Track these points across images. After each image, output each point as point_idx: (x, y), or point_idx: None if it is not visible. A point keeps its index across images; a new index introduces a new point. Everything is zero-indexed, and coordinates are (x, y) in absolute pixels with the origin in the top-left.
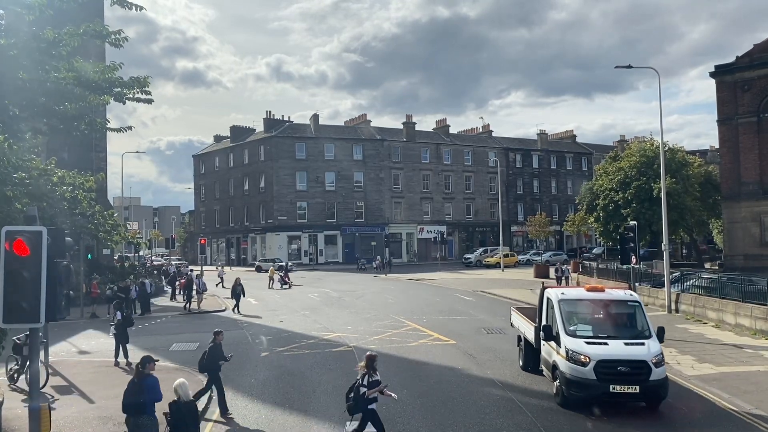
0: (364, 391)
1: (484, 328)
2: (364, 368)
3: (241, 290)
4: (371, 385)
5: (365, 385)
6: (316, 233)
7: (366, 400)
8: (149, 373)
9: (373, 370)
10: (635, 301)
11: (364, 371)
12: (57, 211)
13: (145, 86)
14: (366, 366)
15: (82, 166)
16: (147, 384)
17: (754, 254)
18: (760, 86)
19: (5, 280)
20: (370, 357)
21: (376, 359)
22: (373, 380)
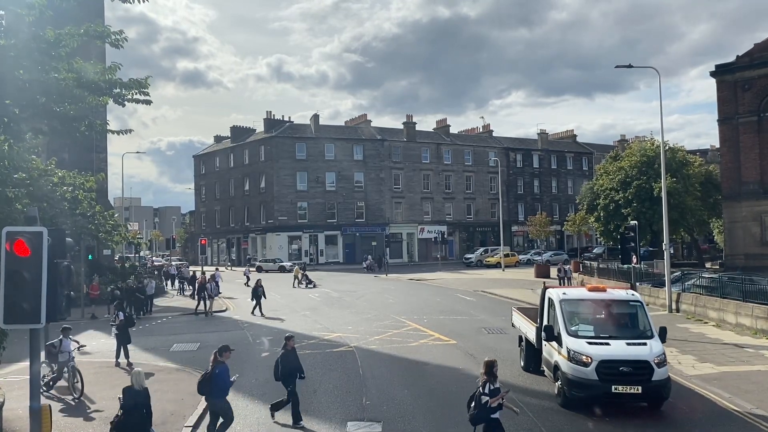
0: (486, 399)
1: (484, 328)
2: (484, 375)
3: (262, 292)
4: (492, 393)
5: (487, 393)
6: (316, 233)
7: (489, 410)
8: (222, 361)
9: (493, 377)
10: (637, 301)
11: (485, 378)
12: (57, 211)
13: (145, 88)
14: (486, 373)
15: (83, 166)
16: (216, 371)
17: (754, 254)
18: (761, 86)
19: (6, 281)
20: (490, 363)
21: (495, 365)
22: (494, 388)
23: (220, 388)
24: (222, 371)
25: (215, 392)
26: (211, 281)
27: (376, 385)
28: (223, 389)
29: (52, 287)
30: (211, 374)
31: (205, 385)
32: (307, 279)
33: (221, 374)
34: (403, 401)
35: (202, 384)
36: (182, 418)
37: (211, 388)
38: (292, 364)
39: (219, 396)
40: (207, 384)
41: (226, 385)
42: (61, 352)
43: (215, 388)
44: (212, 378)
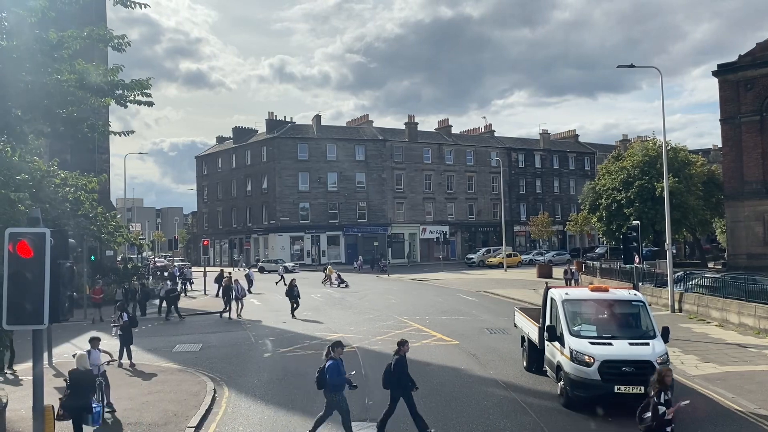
0: (663, 411)
1: (487, 328)
2: (657, 384)
3: (297, 292)
4: (667, 403)
5: (662, 403)
6: (318, 234)
7: (666, 422)
8: (334, 357)
9: (666, 386)
10: (639, 300)
11: (658, 387)
12: (60, 212)
13: (147, 89)
14: (658, 382)
15: (85, 167)
16: (328, 366)
17: (757, 253)
18: (763, 85)
19: (9, 282)
20: (664, 372)
21: (669, 374)
22: (668, 398)
23: (332, 383)
24: (331, 366)
25: (331, 386)
26: (237, 282)
27: (378, 386)
28: (335, 384)
29: (55, 288)
30: (323, 368)
31: (320, 380)
32: (340, 279)
33: (330, 369)
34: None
35: (318, 379)
36: (185, 418)
37: (324, 382)
38: (405, 372)
39: (333, 390)
40: (322, 379)
41: (337, 380)
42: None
43: (330, 383)
44: (323, 373)
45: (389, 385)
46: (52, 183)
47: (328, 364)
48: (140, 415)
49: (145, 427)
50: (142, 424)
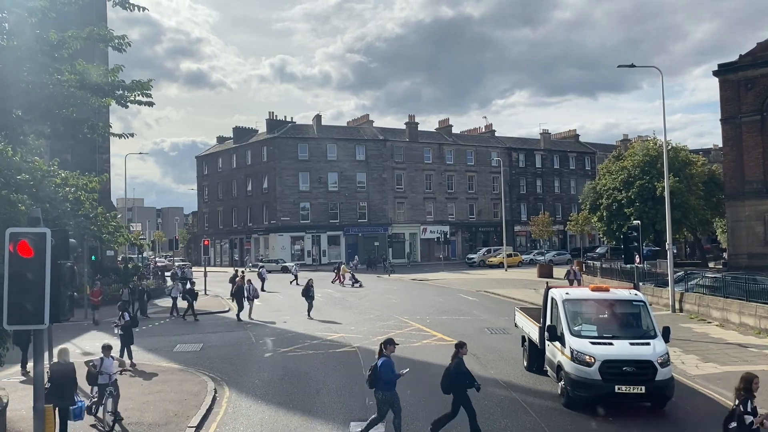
0: (751, 420)
1: (487, 328)
2: (742, 392)
3: (313, 293)
4: (753, 411)
5: (749, 411)
6: (318, 234)
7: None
8: (386, 354)
9: (751, 393)
10: (640, 300)
11: (743, 396)
12: (60, 212)
13: (147, 89)
14: (743, 389)
15: (86, 167)
16: (381, 364)
17: (758, 253)
18: (764, 85)
19: (9, 282)
20: (749, 378)
21: (756, 380)
22: (754, 406)
23: (384, 381)
24: (384, 363)
25: (381, 384)
26: (250, 283)
27: None
28: (387, 381)
29: (56, 288)
30: (374, 367)
31: (372, 378)
32: (354, 278)
33: (384, 366)
34: (405, 401)
35: (370, 378)
36: (186, 418)
37: (377, 380)
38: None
39: (385, 388)
40: (373, 377)
41: (390, 377)
42: (101, 373)
43: (380, 381)
44: (375, 371)
45: (450, 389)
46: (52, 183)
47: (381, 362)
48: (141, 415)
49: (145, 427)
50: (142, 424)
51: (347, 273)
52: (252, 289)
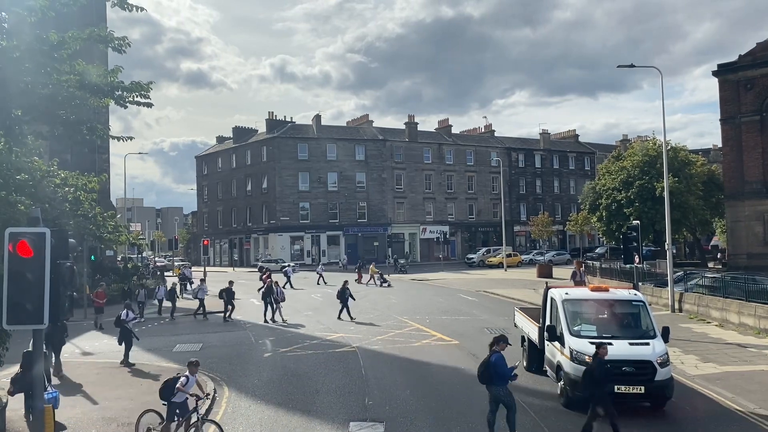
0: None
1: (487, 328)
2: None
3: (349, 294)
4: None
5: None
6: (318, 234)
7: None
8: (498, 350)
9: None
10: (640, 300)
11: None
12: (59, 212)
13: (146, 91)
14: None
15: (85, 167)
16: (492, 360)
17: (757, 253)
18: (763, 85)
19: (9, 282)
20: None
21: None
22: None
23: (499, 376)
24: (497, 359)
25: (495, 380)
26: (277, 285)
27: (378, 386)
28: (502, 376)
29: (55, 288)
30: (488, 362)
31: (485, 374)
32: (382, 278)
33: (497, 362)
34: (405, 401)
35: (482, 374)
36: None
37: (490, 376)
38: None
39: (499, 383)
40: (486, 373)
41: (505, 372)
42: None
43: (494, 376)
44: (488, 366)
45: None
46: (52, 183)
47: (494, 358)
48: None
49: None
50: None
51: (376, 273)
52: (279, 292)
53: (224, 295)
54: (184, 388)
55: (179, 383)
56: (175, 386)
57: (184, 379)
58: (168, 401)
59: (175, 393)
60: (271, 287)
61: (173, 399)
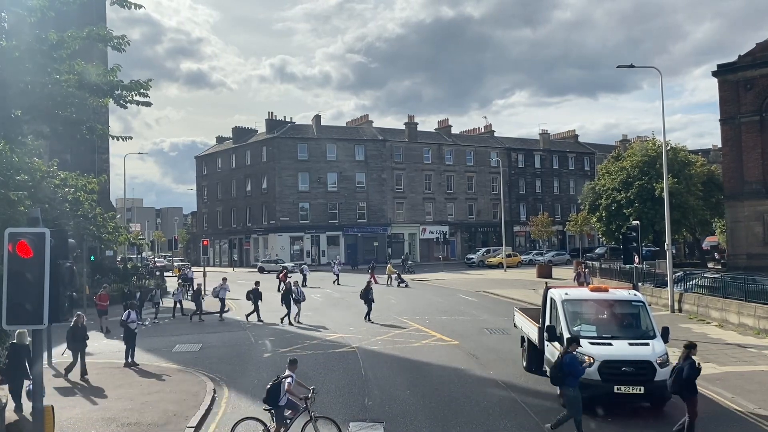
0: None
1: (486, 328)
2: None
3: (372, 296)
4: None
5: None
6: (318, 234)
7: None
8: (570, 351)
9: None
10: (639, 301)
11: None
12: (59, 212)
13: (145, 89)
14: None
15: (85, 168)
16: (566, 360)
17: (757, 253)
18: (763, 85)
19: (8, 282)
20: None
21: None
22: None
23: (574, 375)
24: (570, 359)
25: (568, 380)
26: (297, 285)
27: (378, 386)
28: (575, 375)
29: (55, 288)
30: (561, 363)
31: (558, 376)
32: (400, 279)
33: (571, 362)
34: (405, 402)
35: (555, 376)
36: (185, 418)
37: (563, 377)
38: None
39: (571, 383)
40: (560, 374)
41: (579, 371)
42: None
43: (567, 377)
44: (562, 367)
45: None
46: (51, 183)
47: (567, 358)
48: (140, 416)
49: (144, 427)
50: (141, 424)
51: (393, 273)
52: (299, 292)
53: (251, 296)
54: (293, 389)
55: (287, 385)
56: (280, 390)
57: (290, 380)
58: (275, 406)
59: (283, 396)
60: (290, 288)
61: (280, 403)
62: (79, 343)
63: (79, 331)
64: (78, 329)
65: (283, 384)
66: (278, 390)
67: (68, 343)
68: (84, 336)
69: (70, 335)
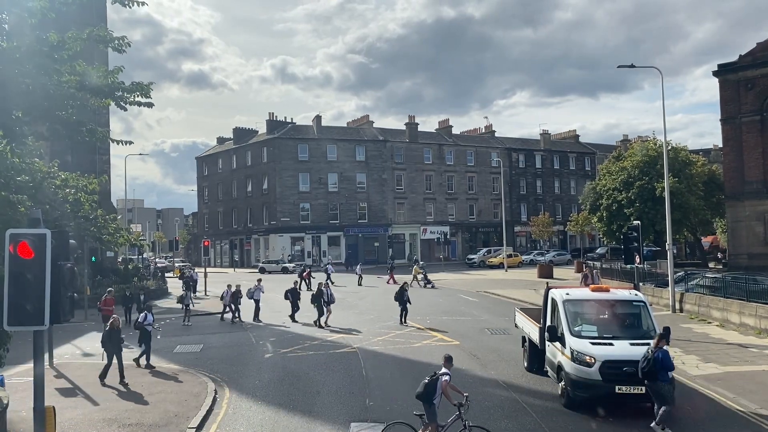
0: None
1: (487, 328)
2: None
3: (408, 297)
4: None
5: None
6: (319, 234)
7: None
8: (660, 346)
9: None
10: (640, 301)
11: None
12: (60, 214)
13: (147, 91)
14: None
15: (86, 168)
16: (659, 356)
17: (758, 253)
18: (764, 85)
19: (10, 283)
20: None
21: None
22: None
23: (666, 370)
24: (664, 354)
25: (661, 375)
26: (328, 287)
27: (379, 386)
28: (668, 369)
29: (56, 289)
30: (653, 359)
31: (651, 371)
32: (426, 279)
33: (664, 357)
34: (406, 402)
35: (648, 371)
36: (186, 419)
37: (656, 371)
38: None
39: (665, 378)
40: (652, 369)
41: (671, 366)
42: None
43: (661, 372)
44: (655, 362)
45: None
46: (52, 184)
47: (660, 354)
48: (141, 416)
49: (146, 428)
50: (143, 425)
51: (420, 273)
52: (330, 294)
53: (290, 296)
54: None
55: (443, 382)
56: (437, 386)
57: (447, 377)
58: (429, 402)
59: (438, 394)
60: (321, 290)
61: (434, 400)
62: (115, 346)
63: (115, 333)
64: (114, 332)
65: (440, 381)
66: (434, 386)
67: (103, 346)
68: (119, 339)
69: (106, 337)
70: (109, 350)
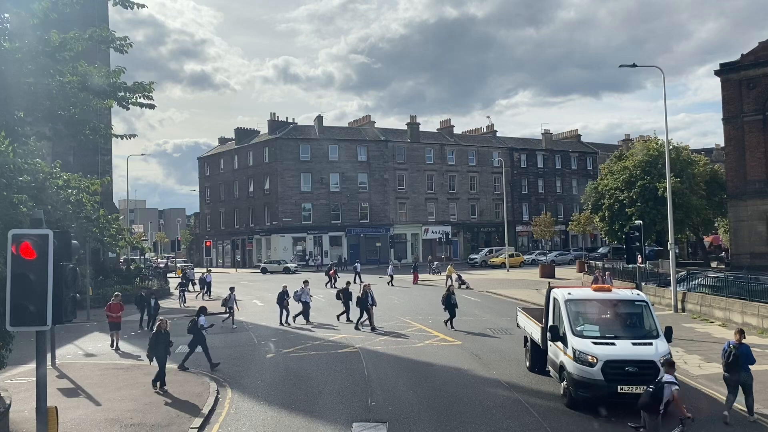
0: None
1: (489, 328)
2: None
3: (455, 300)
4: None
5: None
6: (320, 234)
7: None
8: (743, 342)
9: None
10: (642, 300)
11: None
12: (62, 214)
13: (149, 91)
14: None
15: (88, 169)
16: (743, 350)
17: (760, 253)
18: (766, 84)
19: (12, 283)
20: None
21: None
22: None
23: (749, 362)
24: (747, 349)
25: (744, 367)
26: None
27: (381, 386)
28: (750, 363)
29: (58, 290)
30: (738, 353)
31: (736, 364)
32: (461, 280)
33: (748, 352)
34: (408, 402)
35: (734, 364)
36: (188, 419)
37: (741, 364)
38: None
39: (746, 369)
40: (737, 362)
41: (752, 359)
42: None
43: (745, 364)
44: (740, 356)
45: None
46: (54, 185)
47: (744, 349)
48: (143, 416)
49: (148, 428)
50: (145, 425)
51: (453, 273)
52: (372, 296)
53: (341, 296)
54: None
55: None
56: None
57: (676, 388)
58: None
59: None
60: (366, 293)
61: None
62: (161, 350)
63: (163, 336)
64: (161, 335)
65: (666, 389)
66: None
67: (150, 350)
68: (167, 342)
69: (153, 342)
70: (159, 355)
